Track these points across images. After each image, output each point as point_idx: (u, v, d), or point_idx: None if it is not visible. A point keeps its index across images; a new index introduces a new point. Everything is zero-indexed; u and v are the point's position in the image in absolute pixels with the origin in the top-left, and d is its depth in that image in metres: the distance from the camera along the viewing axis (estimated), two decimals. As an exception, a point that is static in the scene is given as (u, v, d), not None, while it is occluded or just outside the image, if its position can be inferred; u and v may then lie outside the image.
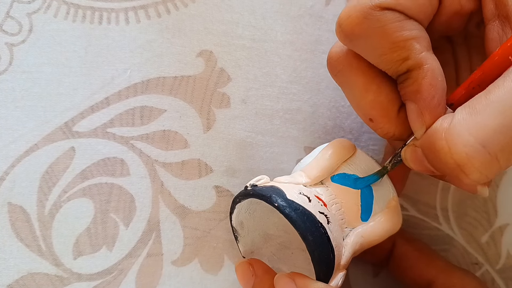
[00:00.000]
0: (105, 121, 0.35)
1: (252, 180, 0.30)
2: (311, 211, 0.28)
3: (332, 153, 0.32)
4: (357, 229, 0.31)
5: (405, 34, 0.25)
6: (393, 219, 0.32)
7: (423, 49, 0.26)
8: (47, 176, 0.35)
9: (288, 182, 0.31)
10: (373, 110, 0.29)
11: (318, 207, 0.29)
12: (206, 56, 0.36)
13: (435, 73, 0.26)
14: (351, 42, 0.27)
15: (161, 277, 0.35)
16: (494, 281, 0.38)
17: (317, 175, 0.31)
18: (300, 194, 0.29)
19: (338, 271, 0.29)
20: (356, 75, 0.29)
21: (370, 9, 0.25)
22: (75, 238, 0.35)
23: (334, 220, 0.29)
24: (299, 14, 0.37)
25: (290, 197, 0.28)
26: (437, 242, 0.38)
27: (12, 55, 0.35)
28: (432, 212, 0.38)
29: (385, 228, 0.31)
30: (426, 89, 0.26)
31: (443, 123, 0.25)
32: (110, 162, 0.35)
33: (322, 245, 0.27)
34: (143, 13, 0.36)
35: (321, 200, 0.30)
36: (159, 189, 0.36)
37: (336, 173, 0.31)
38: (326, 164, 0.31)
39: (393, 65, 0.27)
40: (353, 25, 0.26)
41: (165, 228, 0.36)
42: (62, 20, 0.35)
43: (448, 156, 0.24)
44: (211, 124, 0.36)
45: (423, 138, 0.27)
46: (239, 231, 0.33)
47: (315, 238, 0.27)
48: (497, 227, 0.38)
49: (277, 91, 0.37)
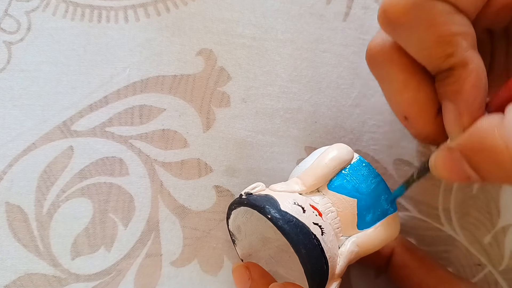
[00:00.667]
0: (103, 120, 0.35)
1: (247, 188, 0.30)
2: (305, 223, 0.28)
3: (330, 160, 0.31)
4: (352, 237, 0.30)
5: (453, 29, 0.24)
6: (391, 228, 0.31)
7: (469, 47, 0.24)
8: (45, 176, 0.34)
9: (283, 191, 0.30)
10: (410, 107, 0.27)
11: (313, 217, 0.28)
12: (206, 55, 0.36)
13: (479, 74, 0.24)
14: (394, 31, 0.26)
15: (160, 277, 0.35)
16: (497, 282, 0.38)
17: (313, 183, 0.31)
18: (294, 205, 0.29)
19: (332, 280, 0.29)
20: (396, 69, 0.27)
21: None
22: (73, 238, 0.34)
23: (328, 230, 0.29)
24: (299, 13, 0.37)
25: (283, 208, 0.28)
26: (439, 243, 0.38)
27: (10, 54, 0.35)
28: (434, 212, 0.38)
29: (382, 237, 0.31)
30: (468, 90, 0.24)
31: (492, 122, 0.24)
32: (109, 161, 0.35)
33: (315, 258, 0.27)
34: (143, 12, 0.36)
35: (316, 209, 0.29)
36: (158, 188, 0.35)
37: (333, 181, 0.31)
38: (323, 172, 0.31)
39: (436, 61, 0.25)
40: (399, 12, 0.24)
41: (164, 228, 0.35)
42: (61, 18, 0.35)
43: (505, 155, 0.22)
44: (211, 124, 0.36)
45: (465, 139, 0.25)
46: (237, 235, 0.33)
47: (308, 250, 0.27)
48: (500, 227, 0.38)
49: (277, 90, 0.37)
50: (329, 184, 0.31)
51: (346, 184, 0.31)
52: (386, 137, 0.37)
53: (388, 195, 0.31)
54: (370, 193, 0.31)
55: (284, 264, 0.34)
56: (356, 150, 0.37)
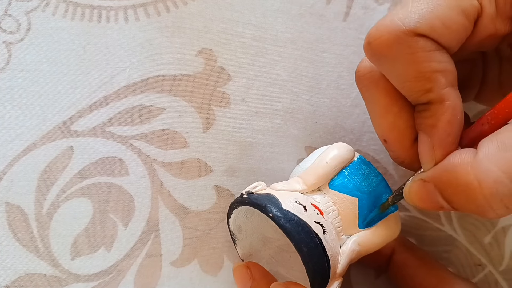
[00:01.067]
0: (103, 120, 0.35)
1: (248, 187, 0.30)
2: (306, 221, 0.28)
3: (331, 159, 0.31)
4: (353, 236, 0.30)
5: (433, 66, 0.25)
6: (392, 227, 0.31)
7: (448, 84, 0.25)
8: (45, 176, 0.34)
9: (284, 190, 0.30)
10: (390, 132, 0.28)
11: (314, 216, 0.28)
12: (206, 55, 0.36)
13: (455, 111, 0.25)
14: (378, 61, 0.27)
15: (160, 278, 0.35)
16: (497, 282, 0.38)
17: (314, 182, 0.31)
18: (295, 203, 0.29)
19: (334, 280, 0.29)
20: (380, 93, 0.28)
21: (403, 33, 0.24)
22: (73, 239, 0.34)
23: (330, 228, 0.29)
24: (300, 13, 0.37)
25: (285, 207, 0.28)
26: (440, 243, 0.38)
27: (10, 53, 0.34)
28: (435, 213, 0.38)
29: (383, 236, 0.31)
30: (443, 126, 0.25)
31: (464, 157, 0.24)
32: (108, 161, 0.35)
33: (316, 256, 0.27)
34: (142, 11, 0.36)
35: (318, 208, 0.29)
36: (158, 189, 0.35)
37: (334, 180, 0.31)
38: (324, 171, 0.31)
39: (415, 94, 0.26)
40: (382, 46, 0.25)
41: (164, 228, 0.35)
42: (61, 18, 0.35)
43: (477, 192, 0.23)
44: (211, 123, 0.36)
45: (439, 172, 0.26)
46: (237, 235, 0.33)
47: (309, 249, 0.27)
48: (500, 227, 0.38)
49: (277, 90, 0.37)
50: (330, 183, 0.31)
51: (347, 183, 0.31)
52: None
53: (389, 194, 0.31)
54: (371, 192, 0.31)
55: (285, 264, 0.34)
56: (356, 150, 0.37)
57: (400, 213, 0.38)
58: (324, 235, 0.28)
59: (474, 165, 0.23)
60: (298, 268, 0.32)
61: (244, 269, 0.32)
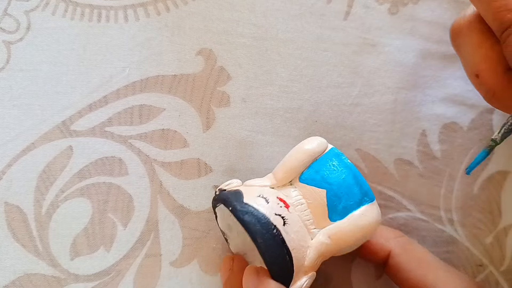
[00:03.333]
0: (103, 120, 0.35)
1: (222, 184, 0.31)
2: (265, 213, 0.28)
3: (299, 152, 0.31)
4: (324, 229, 0.30)
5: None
6: (365, 218, 0.30)
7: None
8: (44, 176, 0.34)
9: (256, 185, 0.31)
10: (483, 63, 0.29)
11: (276, 209, 0.29)
12: (205, 55, 0.36)
13: None
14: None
15: (160, 278, 0.35)
16: (498, 283, 0.38)
17: (282, 176, 0.31)
18: (258, 197, 0.29)
19: (301, 273, 0.29)
20: (473, 33, 0.29)
21: None
22: (73, 239, 0.34)
23: (294, 221, 0.29)
24: (300, 12, 0.37)
25: (246, 200, 0.29)
26: (441, 243, 0.37)
27: (10, 53, 0.34)
28: (436, 213, 0.37)
29: (356, 228, 0.30)
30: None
31: None
32: (108, 161, 0.35)
33: (273, 247, 0.27)
34: (142, 11, 0.36)
35: (283, 201, 0.30)
36: (158, 188, 0.35)
37: (304, 173, 0.31)
38: (292, 165, 0.31)
39: (499, 16, 0.27)
40: None
41: (163, 228, 0.35)
42: (60, 18, 0.35)
43: None
44: (210, 123, 0.36)
45: None
46: (228, 234, 0.33)
47: (265, 240, 0.27)
48: (502, 228, 0.37)
49: (277, 89, 0.36)
50: (300, 176, 0.31)
51: (315, 175, 0.31)
52: (387, 137, 0.37)
53: (362, 185, 0.31)
54: (340, 183, 0.30)
55: None
56: (356, 149, 0.37)
57: (400, 213, 0.37)
58: (285, 226, 0.28)
59: None
60: None
61: (228, 260, 0.33)
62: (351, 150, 0.37)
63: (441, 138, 0.37)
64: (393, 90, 0.37)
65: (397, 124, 0.37)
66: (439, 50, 0.37)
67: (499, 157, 0.37)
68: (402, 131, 0.37)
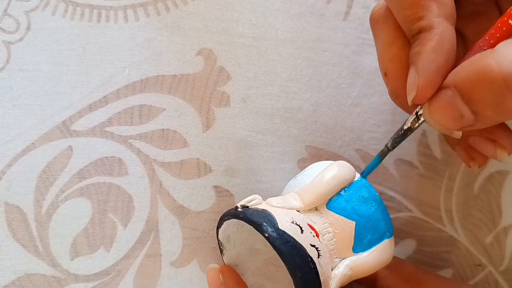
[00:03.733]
0: (103, 120, 0.35)
1: (243, 200, 0.29)
2: (302, 244, 0.27)
3: (331, 178, 0.30)
4: (346, 260, 0.29)
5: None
6: (386, 253, 0.30)
7: (441, 14, 0.25)
8: (44, 176, 0.34)
9: (281, 206, 0.29)
10: (391, 63, 0.29)
11: (310, 238, 0.28)
12: (205, 55, 0.36)
13: (442, 39, 0.25)
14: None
15: (160, 278, 0.35)
16: (497, 282, 0.38)
17: (312, 201, 0.30)
18: (292, 224, 0.28)
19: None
20: (388, 28, 0.29)
21: None
22: (73, 239, 0.34)
23: (324, 252, 0.28)
24: (300, 12, 0.37)
25: (281, 227, 0.27)
26: (441, 243, 0.38)
27: (10, 53, 0.34)
28: (436, 213, 0.37)
29: (376, 262, 0.30)
30: (427, 51, 0.25)
31: (481, 53, 0.24)
32: (108, 161, 0.35)
33: (309, 282, 0.26)
34: (142, 11, 0.36)
35: (314, 229, 0.28)
36: (157, 189, 0.35)
37: (333, 200, 0.30)
38: (323, 191, 0.30)
39: (408, 23, 0.26)
40: None
41: (163, 228, 0.35)
42: (60, 18, 0.35)
43: (496, 74, 0.22)
44: (210, 123, 0.36)
45: (458, 71, 0.25)
46: (225, 245, 0.32)
47: (303, 274, 0.26)
48: (502, 227, 0.37)
49: (277, 89, 0.36)
50: (328, 203, 0.30)
51: (346, 205, 0.30)
52: (387, 137, 0.37)
53: (388, 220, 0.30)
54: (369, 216, 0.30)
55: (271, 277, 0.33)
56: (356, 149, 0.37)
57: (401, 213, 0.37)
58: (319, 259, 0.27)
59: (491, 53, 0.23)
60: (284, 282, 0.32)
61: (217, 273, 0.32)
62: (351, 150, 0.37)
63: (441, 138, 0.37)
64: (393, 90, 0.37)
65: (397, 124, 0.37)
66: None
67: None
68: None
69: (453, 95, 0.25)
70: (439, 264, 0.38)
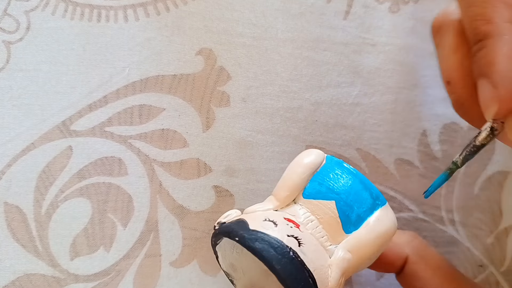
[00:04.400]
0: (103, 120, 0.35)
1: (220, 218, 0.28)
2: (277, 236, 0.25)
3: (298, 167, 0.29)
4: (341, 244, 0.27)
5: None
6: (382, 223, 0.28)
7: (510, 19, 0.24)
8: (44, 176, 0.34)
9: (258, 211, 0.28)
10: (456, 71, 0.27)
11: (287, 230, 0.26)
12: (205, 54, 0.36)
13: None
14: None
15: (159, 278, 0.35)
16: (498, 283, 0.37)
17: (285, 196, 0.29)
18: (264, 221, 0.27)
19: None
20: (452, 34, 0.28)
21: None
22: (72, 239, 0.34)
23: (309, 240, 0.27)
24: (300, 12, 0.37)
25: (252, 227, 0.26)
26: (442, 244, 0.37)
27: (10, 53, 0.34)
28: (437, 213, 0.37)
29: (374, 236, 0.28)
30: (501, 61, 0.23)
31: None
32: (107, 161, 0.35)
33: (293, 272, 0.25)
34: (142, 11, 0.36)
35: (292, 221, 0.27)
36: (157, 189, 0.35)
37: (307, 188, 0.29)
38: (293, 182, 0.29)
39: (475, 23, 0.25)
40: None
41: (163, 228, 0.35)
42: (60, 18, 0.35)
43: None
44: (210, 123, 0.36)
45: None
46: (233, 274, 0.30)
47: (283, 265, 0.24)
48: (502, 228, 0.37)
49: (277, 89, 0.36)
50: (304, 192, 0.29)
51: (320, 188, 0.28)
52: (387, 137, 0.37)
53: (371, 189, 0.29)
54: (348, 191, 0.28)
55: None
56: (357, 149, 0.37)
57: (404, 214, 0.37)
58: (301, 247, 0.26)
59: None
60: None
61: None
62: (351, 150, 0.37)
63: (441, 138, 0.37)
64: (393, 90, 0.37)
65: (398, 124, 0.37)
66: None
67: (500, 157, 0.37)
68: (403, 131, 0.37)
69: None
70: (441, 265, 0.38)
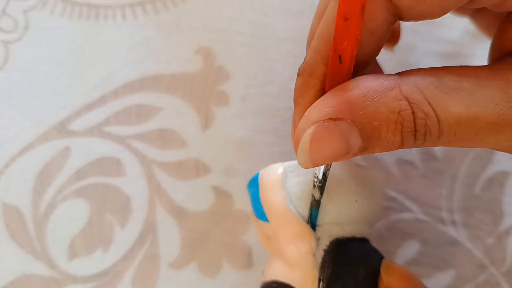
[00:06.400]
0: (101, 119, 0.35)
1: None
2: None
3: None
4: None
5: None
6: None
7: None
8: (42, 176, 0.34)
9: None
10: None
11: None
12: (204, 53, 0.36)
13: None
14: None
15: (158, 280, 0.35)
16: (499, 284, 0.37)
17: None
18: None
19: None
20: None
21: None
22: (70, 239, 0.34)
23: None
24: (300, 11, 0.36)
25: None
26: (442, 244, 0.37)
27: (8, 53, 0.34)
28: (438, 214, 0.37)
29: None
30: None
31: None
32: (106, 161, 0.35)
33: None
34: (141, 10, 0.35)
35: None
36: (155, 189, 0.35)
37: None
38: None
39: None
40: None
41: (162, 229, 0.35)
42: (59, 17, 0.35)
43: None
44: (209, 123, 0.36)
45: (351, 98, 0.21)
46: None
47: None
48: (503, 228, 0.37)
49: (277, 89, 0.36)
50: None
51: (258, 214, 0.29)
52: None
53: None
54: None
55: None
56: (356, 150, 0.36)
57: (403, 214, 0.37)
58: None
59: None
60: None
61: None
62: (351, 150, 0.37)
63: (442, 137, 0.37)
64: (394, 89, 0.37)
65: (398, 123, 0.37)
66: (440, 49, 0.37)
67: (500, 157, 0.37)
68: (403, 131, 0.37)
69: (348, 127, 0.21)
70: (442, 266, 0.38)
